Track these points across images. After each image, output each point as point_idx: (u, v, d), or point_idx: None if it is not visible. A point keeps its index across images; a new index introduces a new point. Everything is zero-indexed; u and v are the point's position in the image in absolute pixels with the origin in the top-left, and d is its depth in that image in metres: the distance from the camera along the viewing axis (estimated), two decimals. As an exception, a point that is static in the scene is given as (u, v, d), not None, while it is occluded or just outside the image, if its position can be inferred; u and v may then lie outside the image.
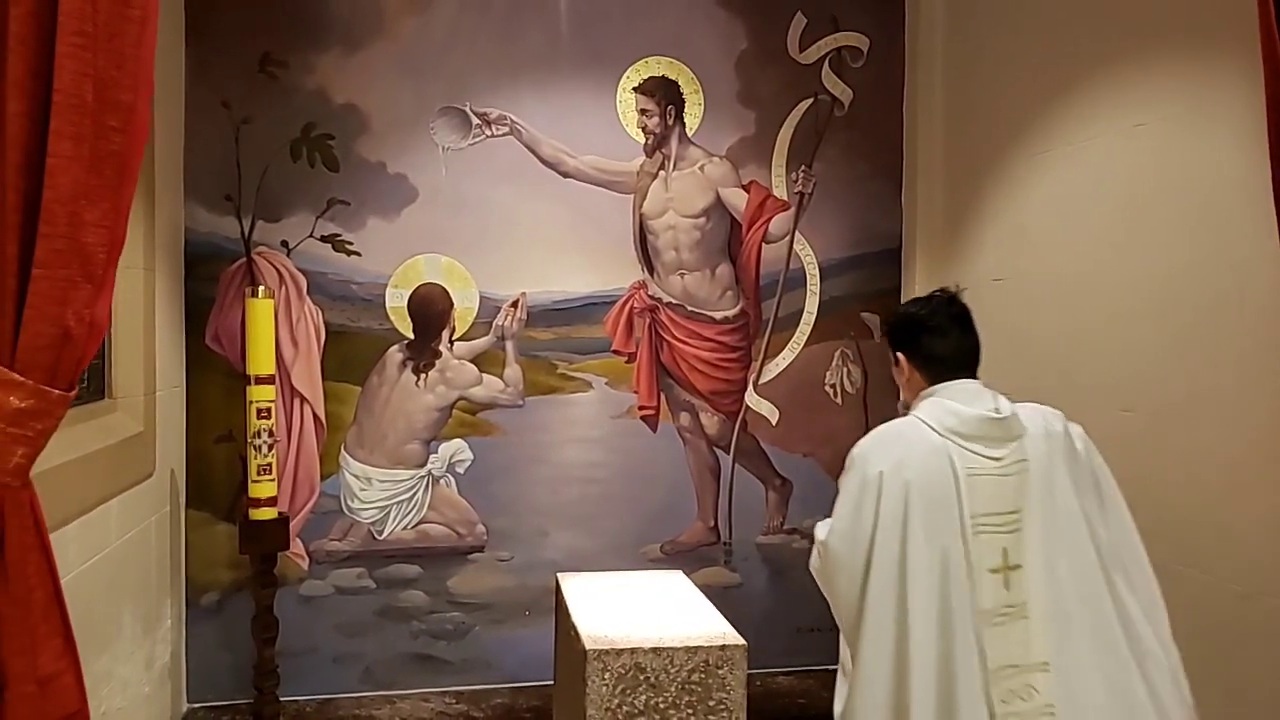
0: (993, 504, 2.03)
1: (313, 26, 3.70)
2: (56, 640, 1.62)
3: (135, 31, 1.69)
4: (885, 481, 2.04)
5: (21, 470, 1.58)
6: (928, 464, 2.04)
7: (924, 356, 2.20)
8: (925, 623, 1.98)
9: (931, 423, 2.09)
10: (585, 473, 3.96)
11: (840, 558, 2.10)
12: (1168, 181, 2.77)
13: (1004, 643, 1.99)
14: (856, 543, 2.06)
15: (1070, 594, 2.02)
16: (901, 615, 2.00)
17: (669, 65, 3.96)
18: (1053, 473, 2.07)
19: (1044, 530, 2.03)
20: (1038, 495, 2.05)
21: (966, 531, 2.01)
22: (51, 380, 1.59)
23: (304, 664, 3.72)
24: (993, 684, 1.97)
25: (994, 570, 2.02)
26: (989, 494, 2.03)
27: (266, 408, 3.38)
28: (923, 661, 1.96)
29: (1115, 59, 2.99)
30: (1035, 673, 1.99)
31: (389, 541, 3.83)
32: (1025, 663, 2.00)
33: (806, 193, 4.06)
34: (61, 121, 1.55)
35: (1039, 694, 1.98)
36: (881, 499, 2.04)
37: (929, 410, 2.12)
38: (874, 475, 2.06)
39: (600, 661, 2.53)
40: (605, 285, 3.96)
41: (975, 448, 2.06)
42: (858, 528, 2.06)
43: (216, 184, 3.65)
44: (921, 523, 2.01)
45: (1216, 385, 2.59)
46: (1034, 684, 1.99)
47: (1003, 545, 2.03)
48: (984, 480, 2.04)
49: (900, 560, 2.01)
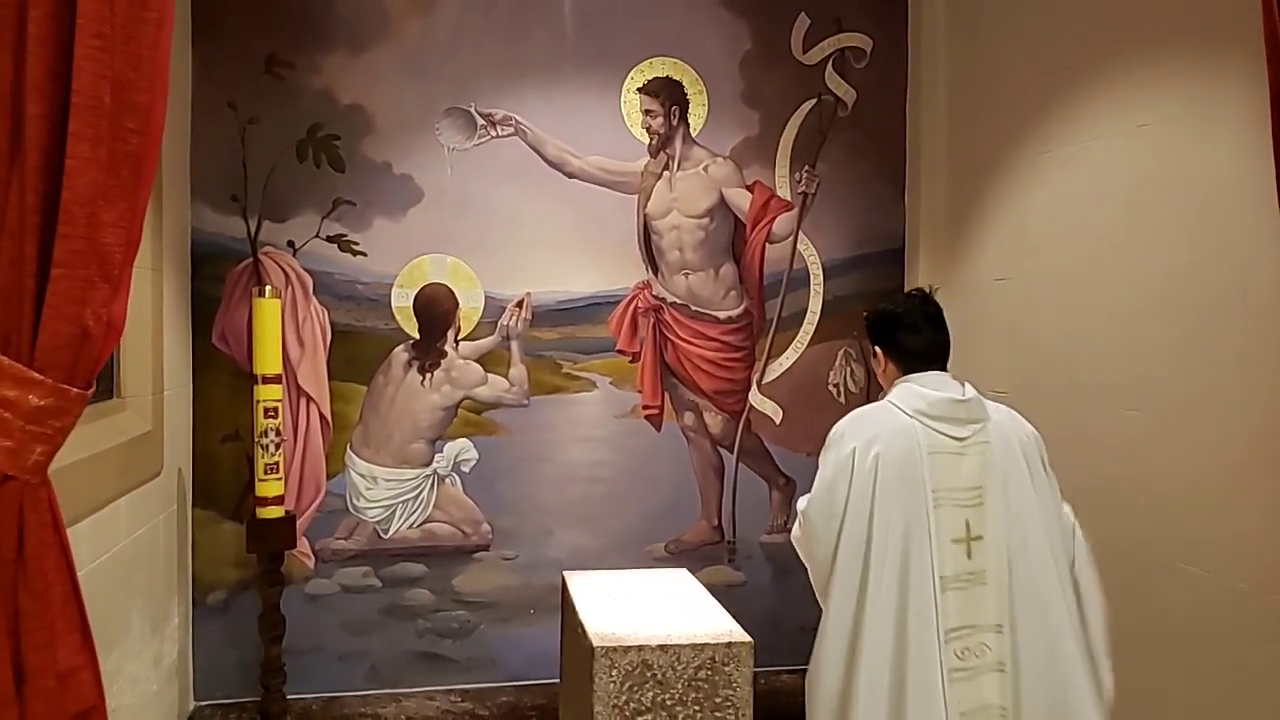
0: (955, 479, 2.28)
1: (318, 28, 3.72)
2: (74, 636, 1.64)
3: (152, 33, 1.71)
4: (857, 457, 2.28)
5: (40, 468, 1.60)
6: (895, 441, 2.28)
7: (900, 350, 2.45)
8: (886, 584, 2.22)
9: (901, 405, 2.34)
10: (590, 472, 3.98)
11: (817, 526, 2.35)
12: (1170, 182, 2.79)
13: (963, 605, 2.23)
14: (832, 513, 2.30)
15: (1026, 566, 2.25)
16: (865, 576, 2.24)
17: (673, 66, 3.98)
18: (1015, 459, 2.32)
19: (1005, 507, 2.27)
20: (999, 475, 2.29)
21: (929, 503, 2.24)
22: (70, 379, 1.61)
23: (310, 662, 3.74)
24: (950, 641, 2.21)
25: (956, 540, 2.25)
26: (951, 470, 2.27)
27: (274, 407, 3.40)
28: (880, 617, 2.21)
29: (1118, 59, 3.01)
30: (989, 633, 2.24)
31: (394, 540, 3.84)
32: (981, 624, 2.24)
33: (810, 193, 4.08)
34: (80, 123, 1.57)
35: (991, 652, 2.22)
36: (854, 473, 2.28)
37: (899, 394, 2.38)
38: (848, 452, 2.30)
39: (608, 659, 2.56)
40: (610, 285, 3.97)
41: (940, 427, 2.29)
42: (833, 500, 2.30)
43: (223, 184, 3.67)
44: (888, 495, 2.24)
45: (1219, 385, 2.61)
46: (987, 643, 2.23)
47: (965, 518, 2.26)
48: (947, 457, 2.28)
49: (868, 528, 2.25)
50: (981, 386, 3.69)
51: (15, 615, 1.55)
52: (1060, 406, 3.26)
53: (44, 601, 1.57)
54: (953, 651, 2.20)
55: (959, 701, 2.20)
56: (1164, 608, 2.80)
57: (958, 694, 2.20)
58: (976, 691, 2.21)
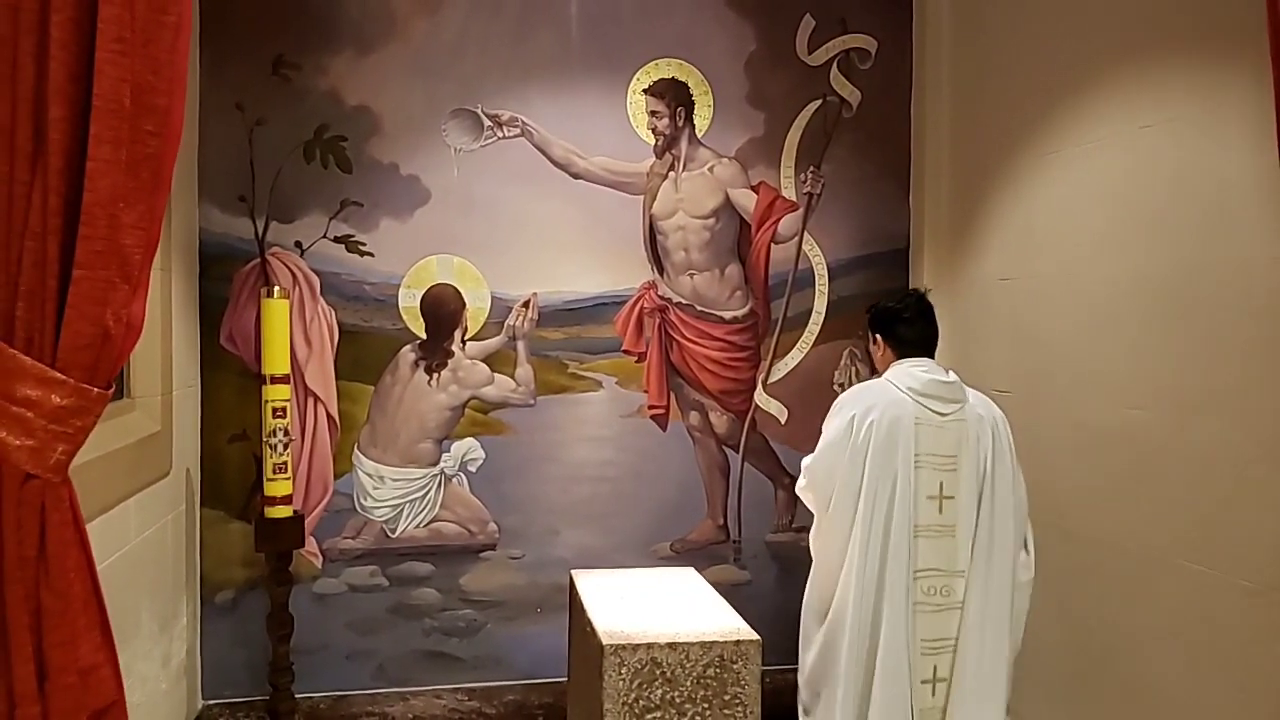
0: (935, 447, 2.73)
1: (325, 29, 3.74)
2: (95, 633, 1.66)
3: (170, 37, 1.72)
4: (856, 423, 2.75)
5: (61, 466, 1.62)
6: (888, 411, 2.73)
7: (897, 339, 2.92)
8: (872, 529, 2.69)
9: (896, 382, 2.81)
10: (596, 471, 4.00)
11: (819, 479, 2.84)
12: (1176, 183, 2.81)
13: (933, 552, 2.71)
14: (832, 468, 2.78)
15: (988, 525, 2.72)
16: (853, 521, 2.72)
17: (679, 67, 3.99)
18: (987, 437, 2.76)
19: (974, 475, 2.73)
20: (972, 447, 2.74)
21: (911, 464, 2.70)
22: (91, 378, 1.62)
23: (318, 661, 3.75)
24: (920, 580, 2.70)
25: (931, 497, 2.72)
26: (933, 438, 2.73)
27: (282, 407, 3.42)
28: (864, 557, 2.68)
29: (1123, 60, 3.02)
30: (954, 578, 2.72)
31: (402, 540, 3.86)
32: (948, 569, 2.72)
33: (815, 193, 4.10)
34: (101, 126, 1.58)
35: (954, 594, 2.70)
36: (853, 436, 2.74)
37: (894, 374, 2.85)
38: (848, 418, 2.77)
39: (617, 656, 2.57)
40: (615, 285, 3.99)
41: (927, 403, 2.75)
42: (836, 458, 2.77)
43: (230, 185, 3.69)
44: (879, 454, 2.70)
45: (1224, 383, 2.63)
46: (952, 586, 2.71)
47: (940, 479, 2.73)
48: (930, 428, 2.74)
49: (859, 482, 2.71)
50: (986, 385, 3.72)
51: (38, 612, 1.57)
52: (1065, 405, 3.28)
53: (65, 599, 1.59)
54: (920, 588, 2.70)
55: (925, 630, 2.70)
56: (1170, 607, 2.81)
57: (925, 624, 2.70)
58: (943, 625, 2.70)
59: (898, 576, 2.67)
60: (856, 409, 2.78)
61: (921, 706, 2.69)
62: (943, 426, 2.73)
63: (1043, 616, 3.37)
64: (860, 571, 2.69)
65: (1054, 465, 3.32)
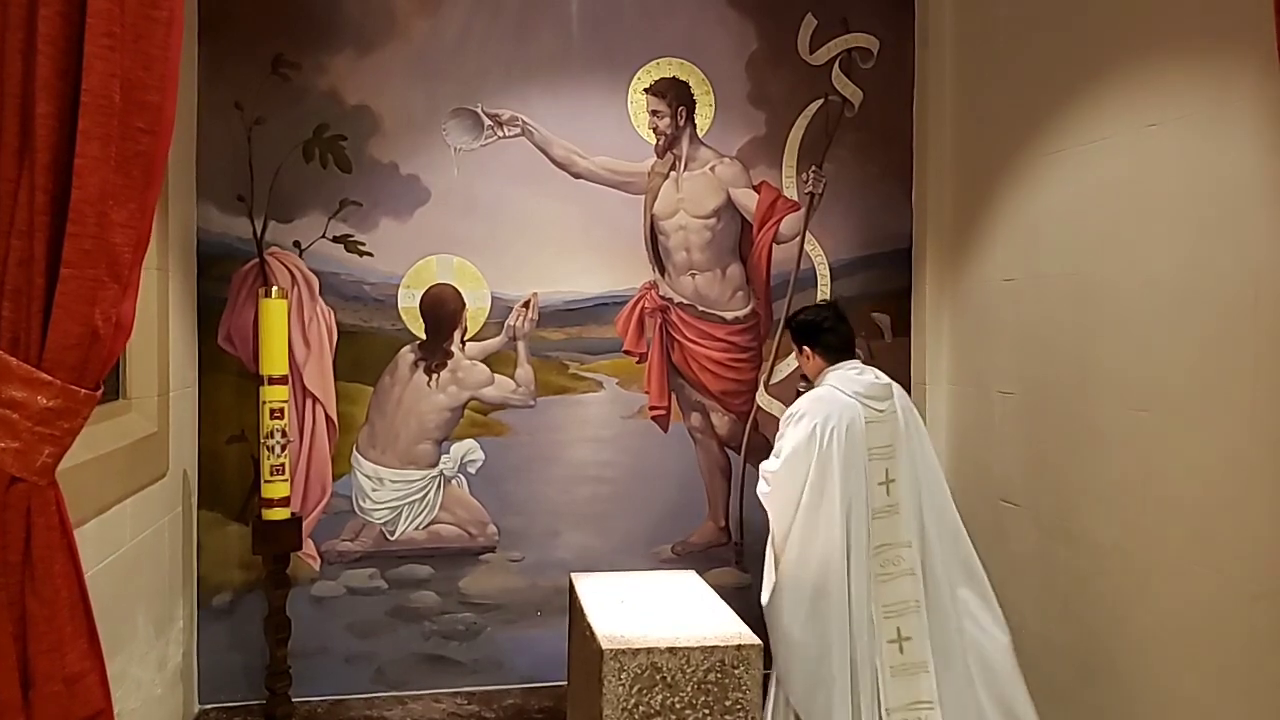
0: (878, 440, 3.11)
1: (325, 28, 3.71)
2: (82, 640, 1.63)
3: (162, 33, 1.70)
4: (819, 431, 3.06)
5: (48, 469, 1.59)
6: (844, 416, 3.08)
7: (825, 346, 3.26)
8: (839, 517, 3.02)
9: (842, 388, 3.14)
10: (596, 473, 3.97)
11: (784, 482, 3.12)
12: (1180, 182, 2.77)
13: (884, 529, 3.08)
14: (797, 471, 3.08)
15: (924, 499, 3.12)
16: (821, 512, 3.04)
17: (680, 66, 3.96)
18: (911, 422, 3.18)
19: (909, 458, 3.13)
20: (902, 434, 3.13)
21: (865, 459, 3.07)
22: (79, 379, 1.59)
23: (316, 665, 3.72)
24: (876, 555, 3.06)
25: (880, 483, 3.10)
26: (876, 433, 3.10)
27: (280, 408, 3.39)
28: (829, 538, 3.02)
29: (1128, 58, 2.99)
30: (902, 548, 3.09)
31: (401, 542, 3.83)
32: (896, 541, 3.09)
33: (817, 193, 4.07)
34: (90, 122, 1.55)
35: (904, 561, 3.08)
36: (818, 444, 3.05)
37: (837, 379, 3.17)
38: (811, 428, 3.07)
39: (617, 661, 2.54)
40: (616, 285, 3.96)
41: (870, 403, 3.11)
42: (801, 461, 3.07)
43: (229, 184, 3.66)
44: (845, 458, 3.04)
45: (1230, 385, 2.59)
46: (901, 555, 3.08)
47: (885, 466, 3.10)
48: (874, 424, 3.11)
49: (825, 479, 3.03)
50: (990, 387, 3.70)
51: (23, 619, 1.54)
52: (1070, 407, 3.25)
53: (52, 606, 1.56)
54: (877, 562, 3.06)
55: (884, 597, 3.05)
56: (1175, 609, 2.78)
57: (883, 592, 3.05)
58: (897, 589, 3.06)
59: (861, 557, 3.04)
60: (817, 418, 3.08)
61: (893, 664, 3.03)
62: (882, 421, 3.12)
63: (1048, 618, 3.35)
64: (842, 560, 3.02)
65: (1059, 467, 3.29)
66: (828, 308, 3.39)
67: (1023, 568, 3.50)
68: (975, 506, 3.81)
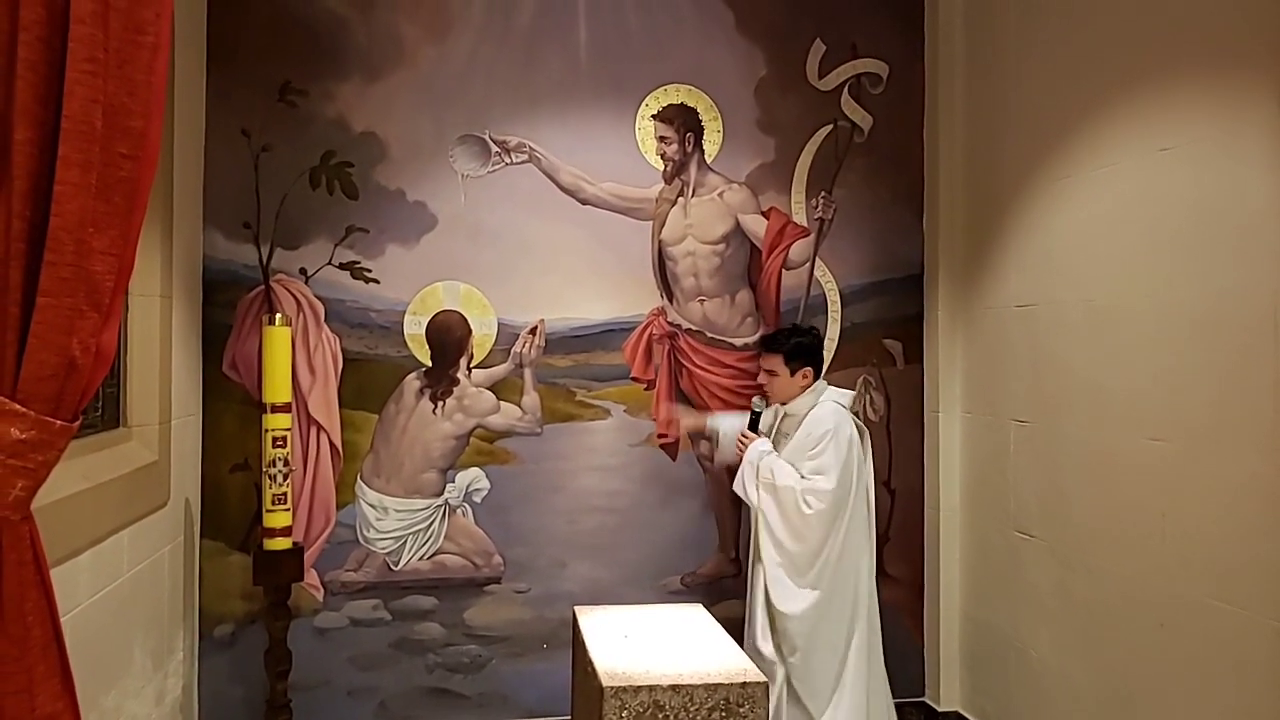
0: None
1: (332, 56, 3.72)
2: (54, 681, 1.58)
3: (147, 58, 1.67)
4: (851, 442, 3.37)
5: (21, 503, 1.55)
6: (854, 428, 3.42)
7: (819, 364, 3.55)
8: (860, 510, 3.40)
9: (843, 403, 3.46)
10: (604, 502, 3.91)
11: (840, 498, 3.32)
12: (1194, 207, 2.71)
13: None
14: (846, 485, 3.34)
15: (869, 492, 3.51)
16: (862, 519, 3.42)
17: (688, 92, 3.94)
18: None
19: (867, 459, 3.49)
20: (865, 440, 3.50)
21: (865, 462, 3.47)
22: (54, 411, 1.55)
23: (318, 698, 3.67)
24: None
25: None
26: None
27: (282, 436, 3.35)
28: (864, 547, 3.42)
29: (1140, 82, 2.94)
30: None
31: (405, 572, 3.78)
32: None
33: (827, 219, 4.02)
34: (70, 148, 1.53)
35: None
36: (854, 454, 3.38)
37: (835, 396, 3.47)
38: (846, 439, 3.35)
39: (618, 699, 2.47)
40: (624, 312, 3.92)
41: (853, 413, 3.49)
42: (847, 475, 3.34)
43: (235, 211, 3.66)
44: (862, 464, 3.43)
45: (1248, 413, 2.51)
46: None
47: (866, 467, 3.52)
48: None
49: (859, 488, 3.41)
50: (1004, 414, 3.63)
51: (-7, 658, 1.50)
52: (1085, 435, 3.17)
53: (22, 645, 1.51)
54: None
55: None
56: (1194, 647, 2.69)
57: None
58: None
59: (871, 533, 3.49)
60: (848, 430, 3.39)
61: None
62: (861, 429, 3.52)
63: (1067, 654, 3.25)
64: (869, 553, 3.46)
65: (1076, 498, 3.21)
66: (811, 328, 3.65)
67: (1039, 601, 3.41)
68: (990, 537, 3.72)
